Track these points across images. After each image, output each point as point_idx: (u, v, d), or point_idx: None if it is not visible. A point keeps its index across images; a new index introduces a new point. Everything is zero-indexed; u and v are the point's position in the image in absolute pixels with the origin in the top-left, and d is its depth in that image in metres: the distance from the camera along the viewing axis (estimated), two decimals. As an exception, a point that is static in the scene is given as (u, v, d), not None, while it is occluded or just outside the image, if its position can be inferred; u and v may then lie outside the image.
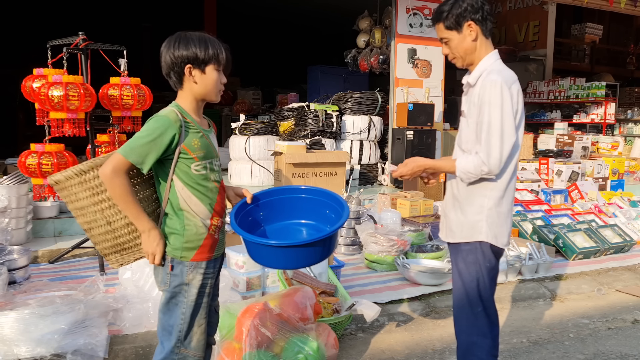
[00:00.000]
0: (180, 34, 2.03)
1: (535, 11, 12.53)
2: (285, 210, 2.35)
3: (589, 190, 7.05)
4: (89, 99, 4.83)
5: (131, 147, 1.92)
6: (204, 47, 1.99)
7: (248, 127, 7.55)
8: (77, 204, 2.06)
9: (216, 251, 2.11)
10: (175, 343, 2.05)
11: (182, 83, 2.03)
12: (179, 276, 2.03)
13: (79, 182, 2.03)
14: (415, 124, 7.54)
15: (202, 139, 2.03)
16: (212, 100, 2.09)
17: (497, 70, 2.26)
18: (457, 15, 2.28)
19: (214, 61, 2.02)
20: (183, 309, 2.04)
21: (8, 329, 2.78)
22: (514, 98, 2.23)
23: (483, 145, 2.23)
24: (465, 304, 2.39)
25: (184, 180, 2.00)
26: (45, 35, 5.88)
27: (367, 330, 3.53)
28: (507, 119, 2.20)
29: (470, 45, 2.32)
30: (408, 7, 8.01)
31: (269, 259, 2.16)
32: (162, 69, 2.04)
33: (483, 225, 2.31)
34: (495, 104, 2.20)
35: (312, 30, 15.68)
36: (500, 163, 2.22)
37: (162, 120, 1.94)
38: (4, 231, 4.47)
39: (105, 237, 2.10)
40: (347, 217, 2.17)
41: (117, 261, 2.17)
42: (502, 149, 2.21)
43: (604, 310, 4.06)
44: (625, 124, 12.50)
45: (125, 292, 3.41)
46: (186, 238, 2.01)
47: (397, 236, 4.50)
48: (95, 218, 2.06)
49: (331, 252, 2.22)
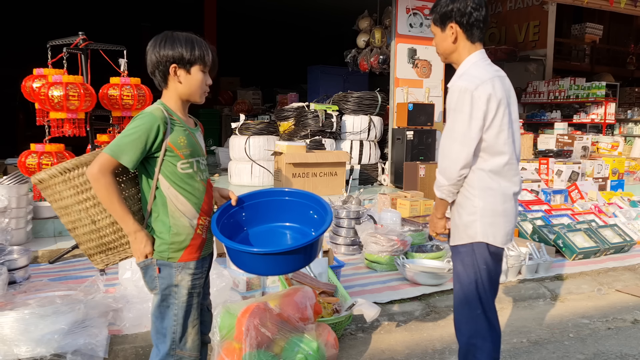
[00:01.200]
0: (167, 33, 2.01)
1: (535, 11, 12.53)
2: (269, 212, 2.32)
3: (589, 190, 7.05)
4: (89, 99, 4.84)
5: (117, 145, 1.90)
6: (190, 48, 1.98)
7: (248, 127, 7.55)
8: (61, 203, 2.03)
9: (204, 250, 2.09)
10: (171, 345, 2.03)
11: (167, 82, 2.02)
12: (167, 278, 2.00)
13: (62, 180, 2.00)
14: (415, 124, 7.54)
15: (189, 136, 2.02)
16: (196, 101, 2.07)
17: (465, 75, 2.26)
18: (443, 13, 2.33)
19: (200, 62, 2.00)
20: (175, 311, 2.02)
21: (8, 329, 2.78)
22: (480, 100, 2.19)
23: (439, 150, 2.30)
24: (464, 307, 2.39)
25: (170, 179, 1.98)
26: (45, 35, 5.89)
27: (367, 330, 3.53)
28: (462, 124, 2.19)
29: (449, 46, 2.35)
30: (408, 7, 8.01)
31: (251, 265, 2.13)
32: (147, 67, 2.03)
33: (477, 225, 2.31)
34: (453, 110, 2.23)
35: (312, 30, 15.68)
36: (454, 168, 2.22)
37: (147, 117, 1.93)
38: (4, 231, 4.47)
39: (90, 236, 2.07)
40: (330, 222, 2.16)
41: (102, 261, 2.13)
42: (456, 152, 2.21)
43: (604, 310, 4.06)
44: (625, 124, 12.50)
45: (125, 292, 3.41)
46: (173, 239, 1.99)
47: (397, 236, 4.50)
48: (79, 217, 2.03)
49: (313, 259, 2.18)
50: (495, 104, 2.22)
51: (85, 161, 1.99)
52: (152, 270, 2.01)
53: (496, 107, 2.22)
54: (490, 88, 2.22)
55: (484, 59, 2.34)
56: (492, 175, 2.29)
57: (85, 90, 4.78)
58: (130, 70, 5.23)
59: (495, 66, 2.35)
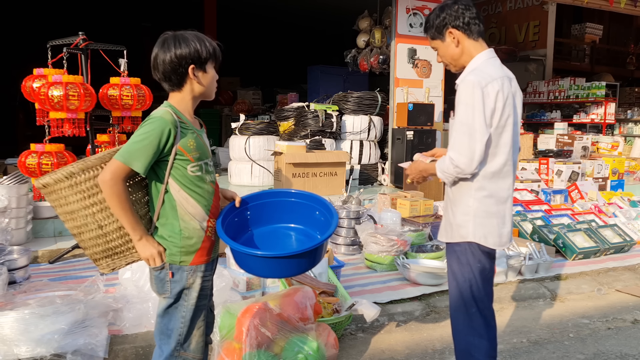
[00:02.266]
0: (175, 34, 1.98)
1: (535, 11, 12.53)
2: (275, 213, 2.30)
3: (589, 190, 7.05)
4: (89, 99, 4.84)
5: (129, 152, 1.87)
6: (203, 45, 1.96)
7: (248, 127, 7.54)
8: (67, 208, 1.97)
9: (213, 253, 2.09)
10: (175, 346, 2.02)
11: (183, 84, 1.98)
12: (180, 282, 1.99)
13: (68, 185, 1.94)
14: (415, 124, 7.54)
15: (197, 139, 2.00)
16: (210, 98, 2.07)
17: (477, 70, 2.27)
18: (437, 25, 2.37)
19: (213, 58, 2.00)
20: (183, 313, 2.01)
21: (8, 329, 2.77)
22: (489, 97, 2.21)
23: (452, 145, 2.25)
24: (460, 305, 2.40)
25: (180, 182, 1.96)
26: (45, 35, 5.89)
27: (367, 330, 3.53)
28: (477, 118, 2.19)
29: (455, 52, 2.37)
30: (408, 7, 8.01)
31: (255, 268, 2.11)
32: (156, 72, 1.98)
33: (470, 225, 2.32)
34: (466, 103, 2.22)
35: (312, 30, 15.68)
36: (472, 162, 2.21)
37: (158, 121, 1.89)
38: (4, 231, 4.47)
39: (96, 241, 2.02)
40: (335, 226, 2.14)
41: (108, 266, 2.09)
42: (472, 147, 2.20)
43: (604, 310, 4.06)
44: (625, 124, 12.50)
45: (125, 292, 3.41)
46: (184, 242, 1.97)
47: (397, 236, 4.50)
48: (85, 222, 1.98)
49: (317, 262, 2.17)
50: (502, 103, 2.24)
51: (91, 165, 1.94)
52: (164, 274, 1.99)
53: (502, 107, 2.24)
54: (499, 86, 2.24)
55: (495, 57, 2.36)
56: (489, 175, 2.30)
57: (85, 90, 4.78)
58: (130, 70, 5.23)
59: (505, 67, 2.37)
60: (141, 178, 2.04)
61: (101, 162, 1.96)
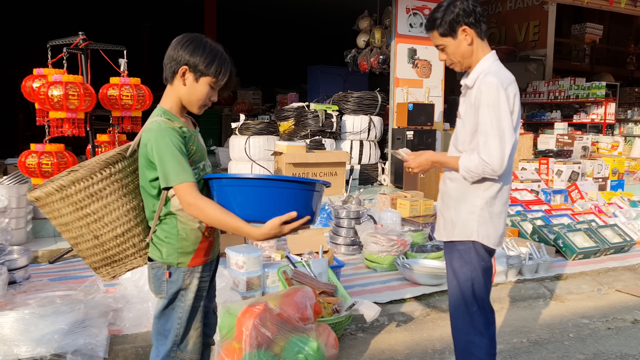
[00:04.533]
0: (197, 36, 1.96)
1: (535, 11, 12.53)
2: None
3: (589, 190, 7.05)
4: (89, 98, 4.83)
5: (174, 173, 1.83)
6: (209, 60, 1.92)
7: (248, 127, 7.54)
8: (61, 220, 1.95)
9: (211, 254, 2.08)
10: (171, 347, 2.02)
11: (173, 80, 1.97)
12: (176, 282, 1.98)
13: (60, 198, 1.91)
14: (415, 124, 7.54)
15: (195, 142, 1.99)
16: (191, 110, 2.02)
17: (494, 72, 2.27)
18: (450, 21, 2.29)
19: (213, 76, 1.95)
20: (180, 314, 2.01)
21: (8, 329, 2.78)
22: (510, 99, 2.23)
23: (483, 146, 2.23)
24: (460, 304, 2.40)
25: None
26: (45, 35, 5.89)
27: (367, 330, 3.53)
28: (505, 120, 2.21)
29: (467, 50, 2.33)
30: (408, 7, 8.01)
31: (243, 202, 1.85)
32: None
33: (474, 224, 2.33)
34: (492, 105, 2.21)
35: (312, 30, 15.69)
36: (503, 163, 2.22)
37: (161, 132, 1.87)
38: (4, 231, 4.47)
39: (94, 251, 2.00)
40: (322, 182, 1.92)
41: (108, 274, 2.08)
42: (503, 148, 2.21)
43: (604, 310, 4.06)
44: (625, 124, 12.50)
45: (125, 292, 3.41)
46: (181, 243, 1.96)
47: (397, 236, 4.50)
48: (81, 233, 1.96)
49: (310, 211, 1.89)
50: (518, 106, 2.29)
51: (81, 176, 1.90)
52: (161, 274, 1.98)
53: (518, 109, 2.29)
54: (515, 88, 2.28)
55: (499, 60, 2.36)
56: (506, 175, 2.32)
57: (85, 90, 4.78)
58: (130, 70, 5.23)
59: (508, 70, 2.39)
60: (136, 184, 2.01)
61: (90, 173, 1.91)
